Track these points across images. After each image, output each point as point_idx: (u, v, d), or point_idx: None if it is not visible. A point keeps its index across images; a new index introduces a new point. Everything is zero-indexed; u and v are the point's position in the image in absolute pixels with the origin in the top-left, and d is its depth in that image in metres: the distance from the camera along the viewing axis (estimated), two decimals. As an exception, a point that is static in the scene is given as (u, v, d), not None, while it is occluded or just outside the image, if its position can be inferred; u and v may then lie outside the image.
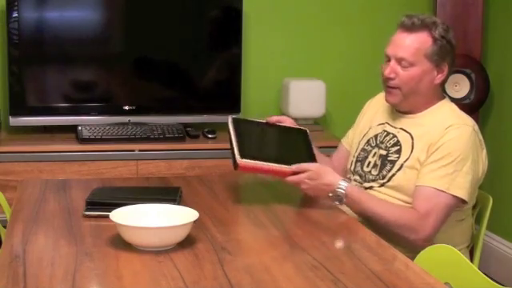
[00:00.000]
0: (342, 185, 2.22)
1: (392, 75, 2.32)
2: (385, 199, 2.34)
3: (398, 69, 2.32)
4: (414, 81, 2.31)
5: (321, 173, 2.24)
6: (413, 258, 1.92)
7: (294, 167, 2.22)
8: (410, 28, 2.31)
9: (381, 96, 2.58)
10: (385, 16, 3.83)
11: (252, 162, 2.18)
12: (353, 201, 2.23)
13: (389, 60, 2.34)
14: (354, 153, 2.52)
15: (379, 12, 3.89)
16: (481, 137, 2.33)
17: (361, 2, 3.91)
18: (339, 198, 2.22)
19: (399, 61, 2.31)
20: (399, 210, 2.27)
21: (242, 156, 2.18)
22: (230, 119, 2.35)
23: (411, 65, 2.30)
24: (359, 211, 2.23)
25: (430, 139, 2.29)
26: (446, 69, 2.34)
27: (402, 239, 2.20)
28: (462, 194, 2.23)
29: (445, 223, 2.29)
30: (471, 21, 3.73)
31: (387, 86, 2.36)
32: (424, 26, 2.31)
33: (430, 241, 2.20)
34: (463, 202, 2.25)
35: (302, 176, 2.23)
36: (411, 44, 2.30)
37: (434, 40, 2.30)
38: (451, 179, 2.22)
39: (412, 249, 2.15)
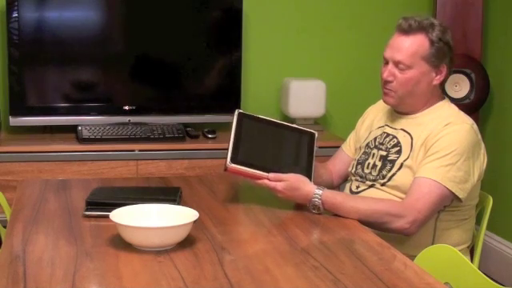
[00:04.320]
0: (317, 193, 2.23)
1: (390, 78, 2.34)
2: (364, 195, 2.36)
3: (396, 72, 2.33)
4: (411, 83, 2.33)
5: (298, 183, 2.25)
6: (413, 258, 1.92)
7: (271, 176, 2.24)
8: (407, 31, 2.32)
9: (381, 102, 2.59)
10: (385, 16, 3.83)
11: (240, 167, 2.24)
12: (331, 205, 2.23)
13: (387, 63, 2.36)
14: (355, 157, 2.53)
15: (379, 12, 3.89)
16: (480, 136, 2.34)
17: (361, 2, 3.91)
18: (317, 207, 2.23)
19: (396, 64, 2.33)
20: (381, 200, 2.28)
21: (233, 160, 2.24)
22: (236, 113, 2.36)
23: (408, 67, 2.31)
24: (341, 213, 2.23)
25: (429, 137, 2.30)
26: (444, 70, 2.35)
27: (391, 229, 2.20)
28: (454, 187, 2.22)
29: (448, 222, 2.31)
30: (471, 21, 3.73)
31: (385, 87, 2.37)
32: (421, 28, 2.31)
33: (418, 226, 2.20)
34: (458, 199, 2.25)
35: (278, 184, 2.24)
36: (408, 47, 2.31)
37: (431, 42, 2.31)
38: (445, 171, 2.22)
39: (404, 237, 2.21)
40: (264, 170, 2.26)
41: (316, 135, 2.44)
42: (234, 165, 2.24)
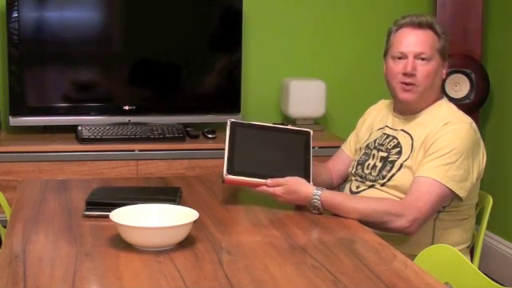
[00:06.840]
0: (316, 194, 2.23)
1: (414, 71, 2.33)
2: (364, 195, 2.37)
3: (418, 64, 2.33)
4: (433, 76, 2.35)
5: (297, 186, 2.25)
6: (413, 258, 1.92)
7: (269, 182, 2.25)
8: (419, 25, 2.35)
9: (381, 103, 2.60)
10: (385, 16, 3.81)
11: (237, 177, 2.26)
12: (331, 205, 2.23)
13: (400, 58, 2.35)
14: (355, 157, 2.53)
15: (379, 12, 3.89)
16: (479, 135, 2.34)
17: (361, 2, 3.91)
18: (317, 208, 2.23)
19: (418, 56, 2.33)
20: (381, 200, 2.29)
21: (229, 172, 2.26)
22: (228, 123, 2.36)
23: (429, 59, 2.33)
24: (341, 213, 2.23)
25: (428, 136, 2.30)
26: (447, 65, 2.40)
27: (391, 229, 2.20)
28: (454, 186, 2.22)
29: (447, 222, 2.31)
30: (471, 20, 3.73)
31: (405, 83, 2.35)
32: (428, 24, 2.36)
33: (419, 225, 2.20)
34: (459, 198, 2.25)
35: (277, 189, 2.24)
36: (426, 39, 2.34)
37: (439, 36, 2.36)
38: (445, 170, 2.22)
39: (404, 237, 2.21)
40: (261, 177, 2.26)
41: (311, 134, 2.43)
42: (230, 176, 2.26)
